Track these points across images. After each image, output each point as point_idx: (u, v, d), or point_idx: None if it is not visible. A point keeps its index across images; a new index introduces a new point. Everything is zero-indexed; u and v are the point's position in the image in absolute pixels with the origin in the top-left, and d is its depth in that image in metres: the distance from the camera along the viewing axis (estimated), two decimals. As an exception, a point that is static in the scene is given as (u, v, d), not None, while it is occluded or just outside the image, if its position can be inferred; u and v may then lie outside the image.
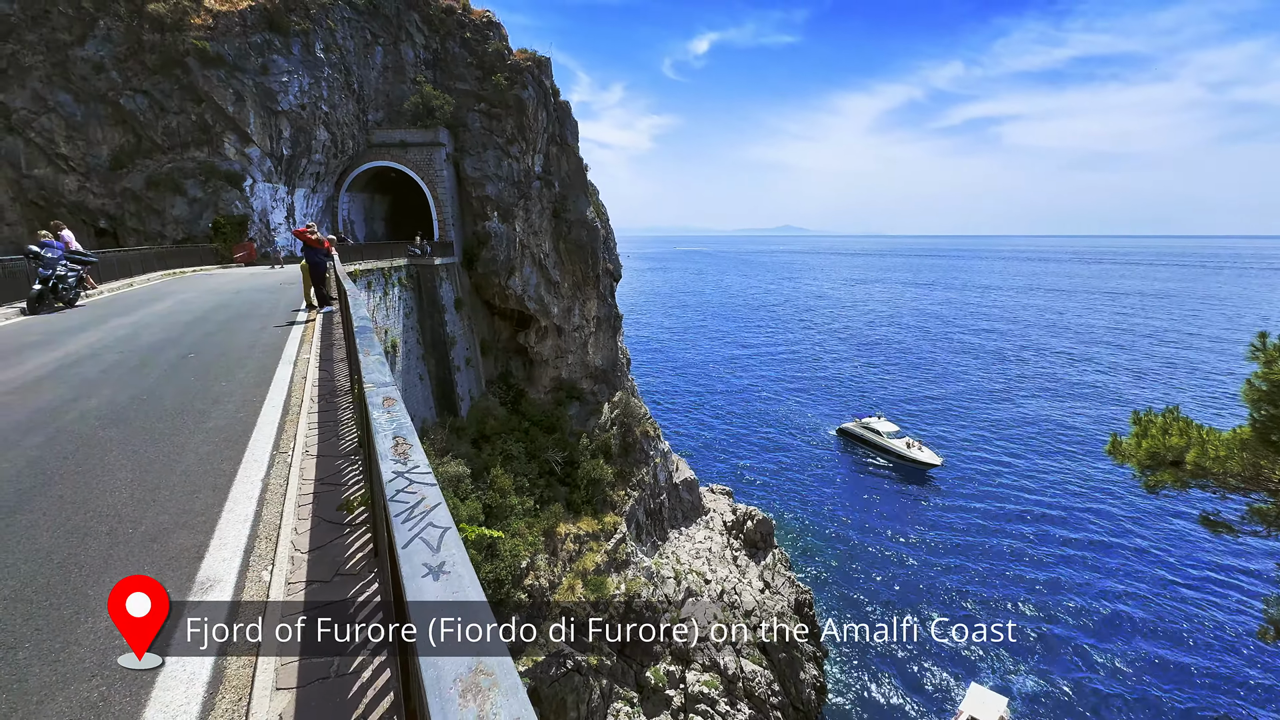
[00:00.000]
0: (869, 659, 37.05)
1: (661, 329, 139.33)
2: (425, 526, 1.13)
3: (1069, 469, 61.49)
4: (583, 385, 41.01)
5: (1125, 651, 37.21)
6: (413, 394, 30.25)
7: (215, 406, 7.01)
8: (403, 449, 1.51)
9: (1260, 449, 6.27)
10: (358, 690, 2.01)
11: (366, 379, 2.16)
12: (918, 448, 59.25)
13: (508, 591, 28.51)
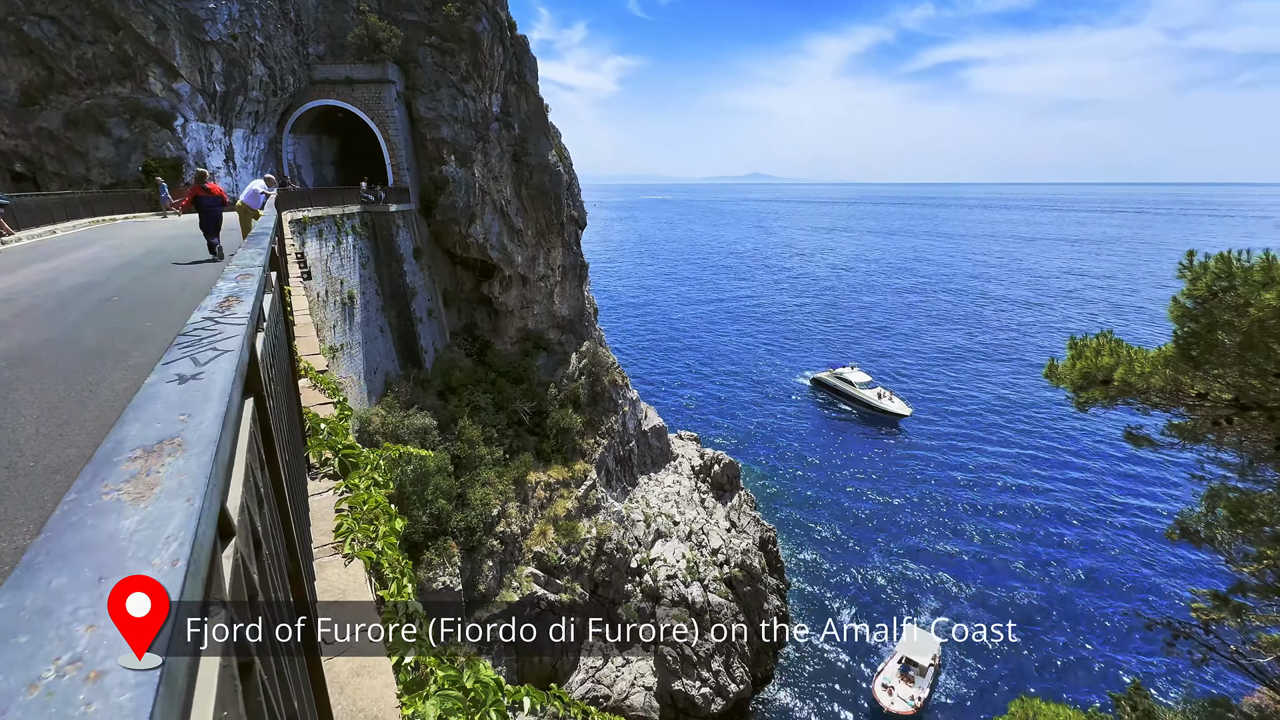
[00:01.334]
0: (829, 590, 39.17)
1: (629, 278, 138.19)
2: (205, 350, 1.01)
3: (1023, 408, 64.39)
4: (550, 336, 40.65)
5: (1055, 567, 40.13)
6: (374, 347, 29.55)
7: (138, 346, 6.65)
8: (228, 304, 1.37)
9: (1181, 364, 6.56)
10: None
11: (232, 263, 2.00)
12: (889, 398, 60.81)
13: (479, 539, 28.91)
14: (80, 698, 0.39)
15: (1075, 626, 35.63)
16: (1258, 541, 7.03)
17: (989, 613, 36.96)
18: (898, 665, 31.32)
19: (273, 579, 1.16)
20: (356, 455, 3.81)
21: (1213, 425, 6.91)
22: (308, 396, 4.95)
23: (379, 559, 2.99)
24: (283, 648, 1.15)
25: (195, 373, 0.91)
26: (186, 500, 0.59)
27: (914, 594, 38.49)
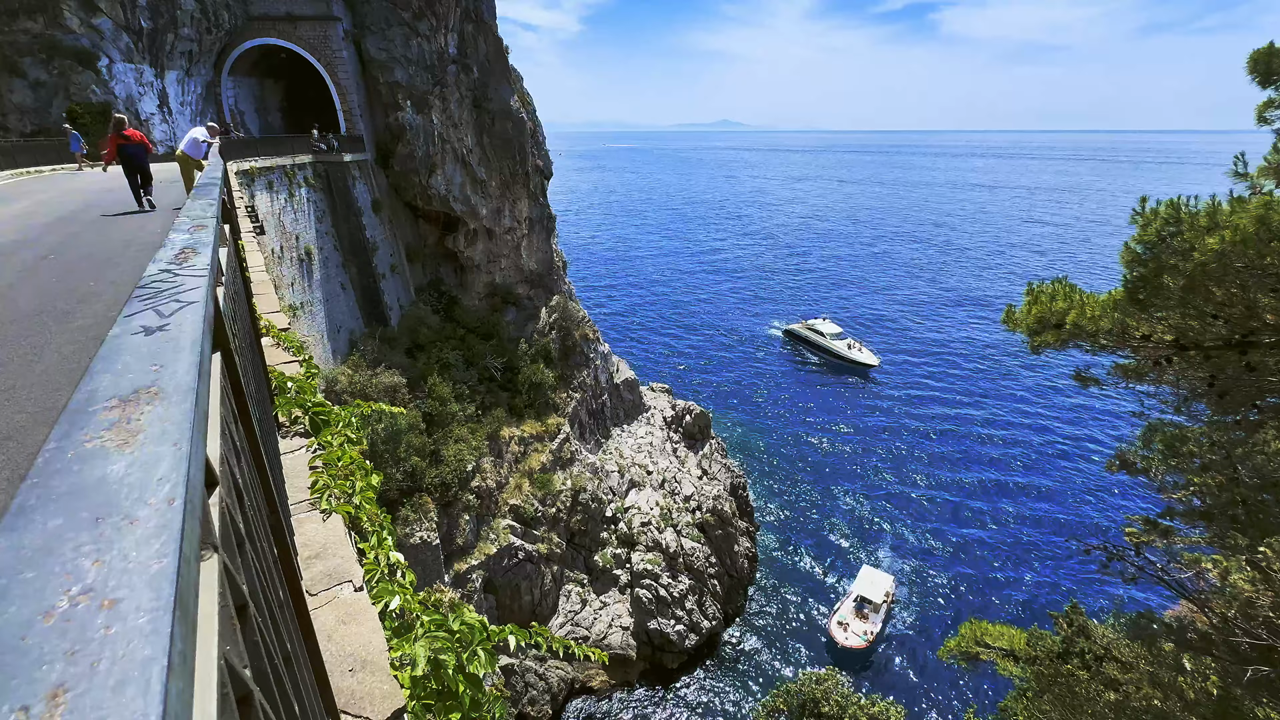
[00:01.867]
0: (796, 531, 41.01)
1: (598, 230, 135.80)
2: (167, 302, 0.98)
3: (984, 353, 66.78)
4: (518, 290, 40.02)
5: (1007, 503, 42.75)
6: (336, 305, 28.67)
7: (82, 306, 6.33)
8: (185, 256, 1.32)
9: (1129, 307, 6.88)
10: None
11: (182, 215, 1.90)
12: (858, 348, 62.08)
13: (455, 494, 29.14)
14: (98, 622, 0.41)
15: (1022, 556, 38.27)
16: (1187, 471, 7.62)
17: (944, 546, 39.33)
18: (853, 604, 33.02)
19: (257, 529, 1.17)
20: (327, 413, 3.77)
21: (1154, 365, 7.33)
22: (271, 355, 4.82)
23: (357, 513, 3.02)
24: (273, 595, 1.18)
25: (161, 324, 0.88)
26: (173, 445, 0.59)
27: (874, 532, 40.59)
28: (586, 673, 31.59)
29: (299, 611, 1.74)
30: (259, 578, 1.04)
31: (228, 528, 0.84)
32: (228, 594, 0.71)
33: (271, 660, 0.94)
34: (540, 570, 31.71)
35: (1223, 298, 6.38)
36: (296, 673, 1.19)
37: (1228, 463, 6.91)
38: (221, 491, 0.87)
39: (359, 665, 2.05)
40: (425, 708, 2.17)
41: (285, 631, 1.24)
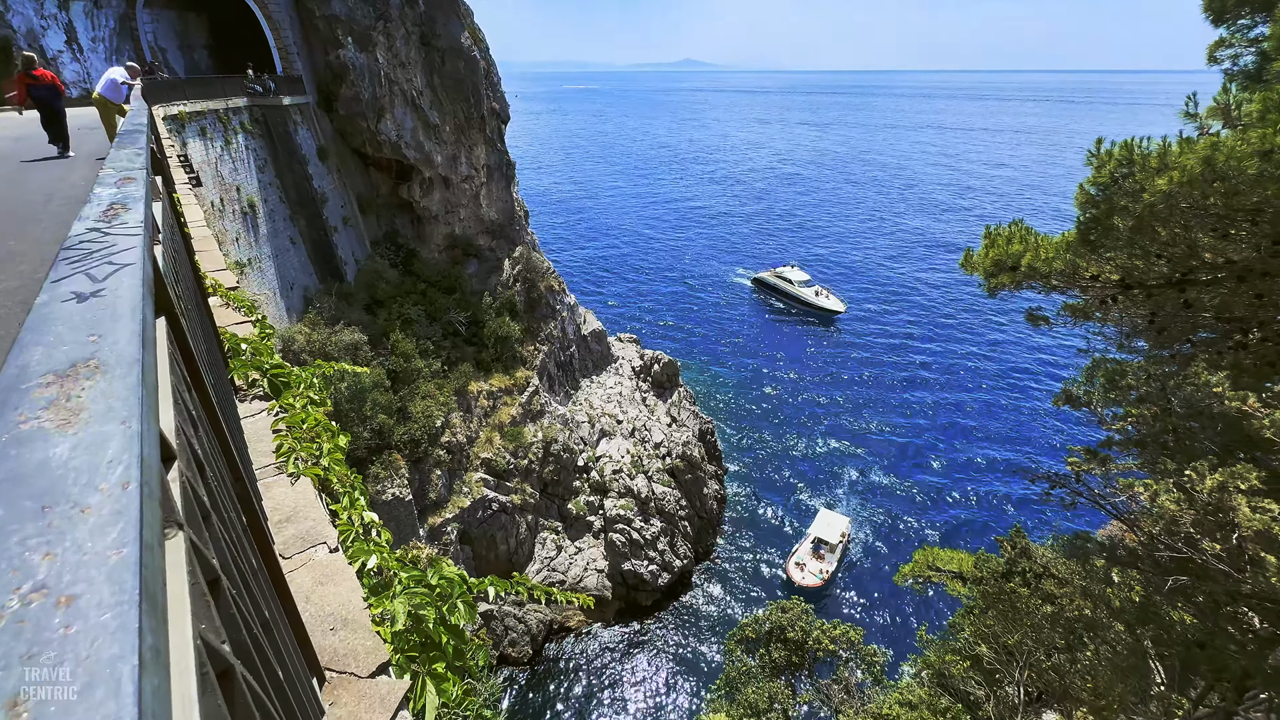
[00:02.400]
0: (761, 474, 42.52)
1: (560, 178, 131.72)
2: (99, 265, 0.90)
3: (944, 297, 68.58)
4: (479, 241, 38.84)
5: (960, 439, 45.08)
6: (286, 260, 27.36)
7: (3, 268, 5.86)
8: (115, 213, 1.21)
9: (1080, 249, 7.11)
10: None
11: (107, 166, 1.74)
12: (825, 295, 62.76)
13: (425, 450, 29.03)
14: (55, 621, 0.38)
15: (974, 489, 40.69)
16: (1125, 403, 8.13)
17: (900, 481, 41.44)
18: (810, 545, 34.57)
19: (223, 500, 1.13)
20: (287, 374, 3.63)
21: (1100, 304, 7.66)
22: (221, 316, 4.59)
23: (326, 475, 2.97)
24: (246, 564, 1.15)
25: (95, 289, 0.81)
26: (121, 423, 0.54)
27: (835, 470, 42.40)
28: (564, 614, 32.79)
29: (274, 577, 1.72)
30: (229, 549, 1.01)
31: (191, 503, 0.81)
32: (198, 571, 0.69)
33: (250, 630, 0.92)
34: (515, 520, 32.25)
35: (1167, 238, 6.63)
36: (277, 638, 1.19)
37: (1162, 394, 7.40)
38: (180, 465, 0.82)
39: (340, 624, 2.07)
40: (409, 659, 2.22)
41: (262, 598, 1.22)
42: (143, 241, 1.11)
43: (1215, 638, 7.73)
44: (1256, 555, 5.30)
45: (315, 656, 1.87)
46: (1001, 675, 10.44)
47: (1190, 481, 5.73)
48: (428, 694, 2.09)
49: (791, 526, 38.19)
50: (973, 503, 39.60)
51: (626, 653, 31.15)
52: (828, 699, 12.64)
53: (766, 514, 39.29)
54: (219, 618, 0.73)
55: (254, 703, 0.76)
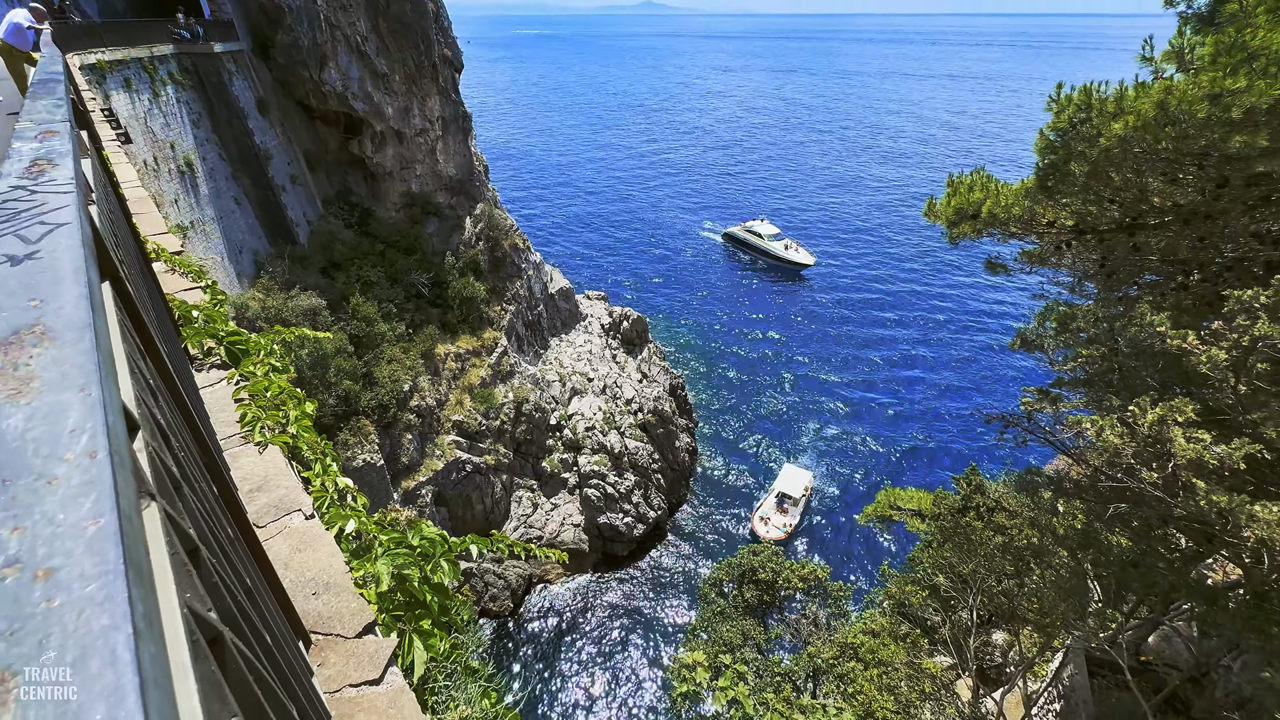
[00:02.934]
0: (731, 425, 43.49)
1: (519, 130, 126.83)
2: (30, 225, 0.83)
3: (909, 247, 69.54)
4: (438, 199, 37.44)
5: (922, 386, 46.78)
6: (232, 223, 25.94)
7: (-83, 236, 5.40)
8: (40, 169, 1.12)
9: (1038, 195, 7.27)
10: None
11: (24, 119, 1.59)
12: (795, 248, 62.54)
13: (394, 415, 28.68)
14: (34, 596, 0.36)
15: (935, 433, 42.50)
16: (1075, 344, 8.53)
17: (865, 427, 42.97)
18: (774, 499, 35.61)
19: (192, 470, 1.09)
20: (245, 341, 3.49)
21: (1055, 250, 7.90)
22: (168, 283, 4.35)
23: (295, 443, 2.90)
24: (222, 534, 1.13)
25: (29, 251, 0.75)
26: (80, 391, 0.51)
27: (802, 418, 43.65)
28: (543, 568, 33.55)
29: (251, 546, 1.69)
30: (205, 518, 0.99)
31: (160, 473, 0.78)
32: (175, 540, 0.67)
33: (234, 597, 0.91)
34: (489, 480, 32.44)
35: (1120, 183, 6.82)
36: (261, 604, 1.18)
37: (1109, 336, 7.78)
38: (145, 435, 0.79)
39: (322, 588, 2.06)
40: (395, 619, 2.25)
41: (242, 566, 1.20)
42: (76, 200, 1.02)
43: (1147, 557, 8.42)
44: (1188, 481, 5.74)
45: (299, 621, 1.87)
46: (956, 602, 11.26)
47: (1132, 416, 6.11)
48: (415, 650, 2.13)
49: (760, 474, 39.42)
50: (933, 447, 41.44)
51: (605, 601, 32.22)
52: (797, 632, 13.45)
53: (737, 463, 40.42)
54: (203, 586, 0.72)
55: (246, 667, 0.76)
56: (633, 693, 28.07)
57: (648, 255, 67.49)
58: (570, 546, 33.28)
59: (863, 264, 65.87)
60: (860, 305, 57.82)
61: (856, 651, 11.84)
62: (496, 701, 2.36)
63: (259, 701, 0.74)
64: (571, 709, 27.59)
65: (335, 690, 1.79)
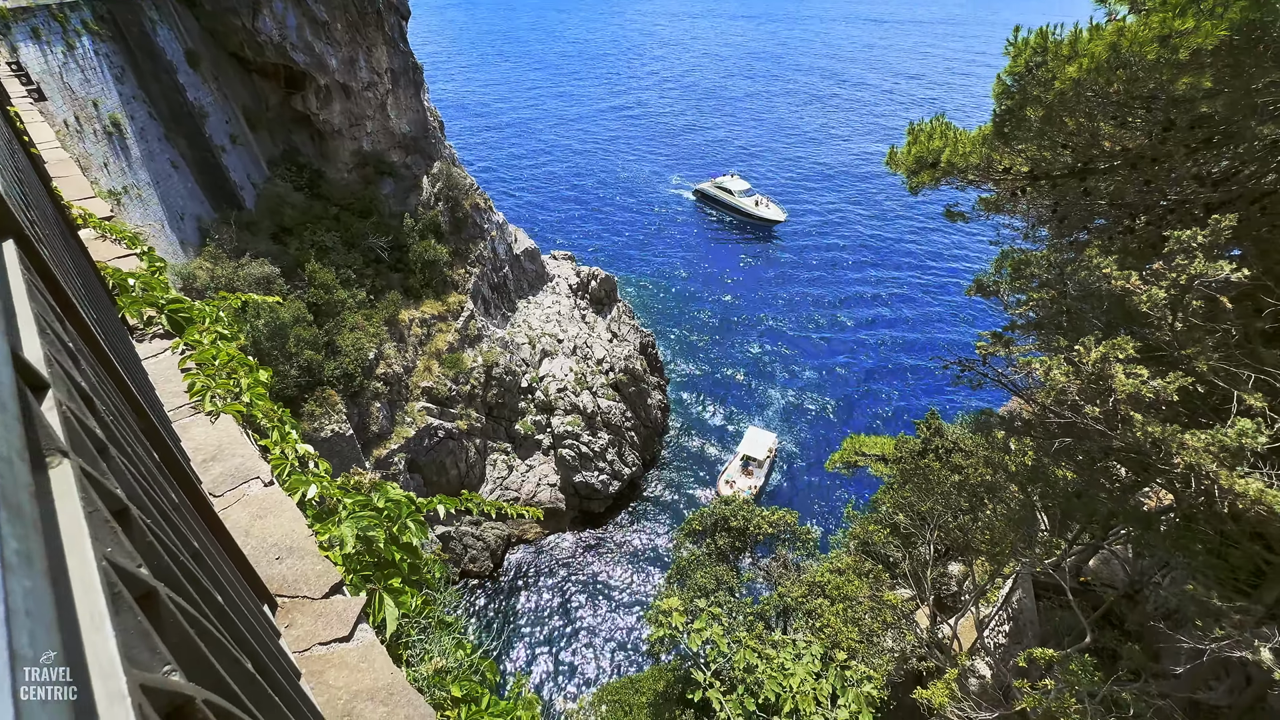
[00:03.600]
0: (702, 381, 44.05)
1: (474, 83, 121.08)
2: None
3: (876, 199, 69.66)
4: (392, 157, 35.82)
5: (886, 334, 47.95)
6: (171, 187, 24.43)
7: None
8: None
9: (995, 141, 7.35)
10: None
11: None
12: (765, 204, 61.44)
13: (360, 383, 28.14)
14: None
15: (898, 381, 43.82)
16: (1027, 289, 8.83)
17: (831, 379, 44.04)
18: (739, 462, 35.86)
19: (123, 435, 1.05)
20: (187, 309, 3.33)
21: (1011, 196, 8.05)
22: (100, 250, 4.09)
23: (250, 411, 2.82)
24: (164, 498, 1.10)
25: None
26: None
27: (770, 374, 44.46)
28: (521, 528, 34.03)
29: (203, 512, 1.66)
30: (140, 482, 0.96)
31: (78, 433, 0.75)
32: (95, 499, 0.65)
33: (176, 559, 0.90)
34: (463, 445, 32.38)
35: (1073, 127, 6.93)
36: (212, 567, 1.17)
37: (1059, 279, 8.06)
38: (59, 395, 0.75)
39: (285, 553, 2.05)
40: (364, 579, 2.26)
41: (188, 530, 1.18)
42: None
43: (1089, 488, 8.99)
44: (1127, 415, 6.11)
45: (263, 585, 1.86)
46: (915, 538, 11.91)
47: (1078, 355, 6.41)
48: (386, 607, 2.16)
49: (731, 427, 40.25)
50: (898, 396, 42.82)
51: (583, 557, 33.00)
52: (768, 575, 14.09)
53: (709, 418, 41.17)
54: (132, 544, 0.70)
55: (190, 624, 0.75)
56: (612, 640, 29.15)
57: (614, 213, 66.33)
58: (547, 506, 33.74)
59: (831, 217, 65.95)
60: (829, 258, 58.27)
61: (824, 589, 12.48)
62: (472, 651, 2.42)
63: (203, 655, 0.74)
64: (554, 659, 28.56)
65: (304, 649, 1.80)
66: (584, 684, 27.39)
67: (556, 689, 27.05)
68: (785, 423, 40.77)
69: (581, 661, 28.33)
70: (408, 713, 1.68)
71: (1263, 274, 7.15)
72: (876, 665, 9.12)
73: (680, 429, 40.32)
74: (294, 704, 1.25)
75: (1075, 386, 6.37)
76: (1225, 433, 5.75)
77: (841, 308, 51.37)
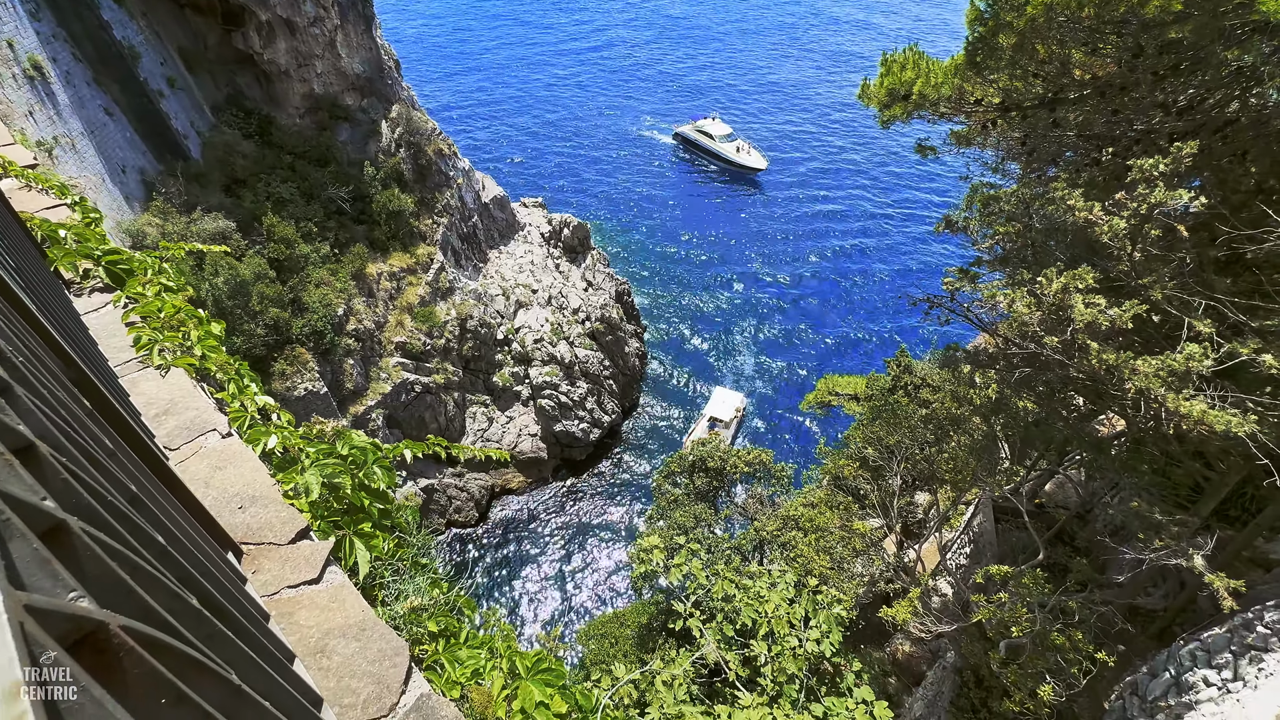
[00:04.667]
0: (679, 328, 44.16)
1: (429, 18, 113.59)
2: None
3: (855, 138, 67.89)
4: (346, 101, 33.82)
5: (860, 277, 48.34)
6: (106, 137, 22.80)
7: None
8: None
9: (967, 71, 7.20)
10: None
11: None
12: (747, 151, 58.55)
13: (331, 340, 27.57)
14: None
15: (870, 321, 44.47)
16: (995, 224, 8.89)
17: (807, 324, 44.50)
18: (705, 423, 35.31)
19: (37, 378, 1.00)
20: (127, 261, 3.15)
21: (981, 129, 7.98)
22: (25, 201, 3.81)
23: (203, 364, 2.73)
24: (91, 443, 1.06)
25: None
26: None
27: (746, 319, 44.72)
28: (504, 478, 34.50)
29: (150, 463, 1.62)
30: (57, 424, 0.92)
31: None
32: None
33: (103, 499, 0.87)
34: (440, 399, 32.27)
35: (1044, 55, 6.81)
36: (156, 511, 1.15)
37: (1026, 214, 8.13)
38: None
39: (248, 502, 2.03)
40: (332, 525, 2.26)
41: (128, 476, 1.15)
42: None
43: (1048, 417, 9.39)
44: (1084, 344, 6.33)
45: (224, 533, 1.85)
46: (884, 470, 12.41)
47: (1040, 287, 6.56)
48: (357, 550, 2.17)
49: (708, 372, 40.71)
50: (871, 337, 43.56)
51: (567, 503, 33.76)
52: (744, 511, 14.64)
53: (685, 364, 41.56)
54: (38, 480, 0.67)
55: (114, 559, 0.74)
56: (598, 580, 30.28)
57: (585, 157, 64.21)
58: (529, 456, 34.15)
59: (808, 158, 64.43)
60: (805, 201, 57.49)
61: (797, 522, 13.03)
62: (447, 590, 2.47)
63: (130, 588, 0.72)
64: (542, 601, 29.64)
65: (273, 593, 1.81)
66: (572, 622, 28.57)
67: (545, 629, 28.17)
68: (760, 366, 41.36)
69: (568, 602, 29.45)
70: (380, 646, 1.72)
71: (1220, 203, 7.30)
72: (846, 589, 9.67)
73: (658, 376, 40.70)
74: (257, 642, 1.26)
75: (1037, 318, 6.53)
76: (1174, 358, 6.00)
77: (820, 251, 51.31)
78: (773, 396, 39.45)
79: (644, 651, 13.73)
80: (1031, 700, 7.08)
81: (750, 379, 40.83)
